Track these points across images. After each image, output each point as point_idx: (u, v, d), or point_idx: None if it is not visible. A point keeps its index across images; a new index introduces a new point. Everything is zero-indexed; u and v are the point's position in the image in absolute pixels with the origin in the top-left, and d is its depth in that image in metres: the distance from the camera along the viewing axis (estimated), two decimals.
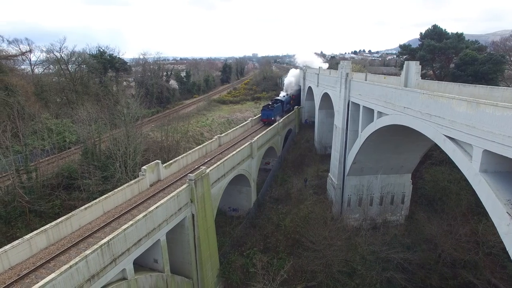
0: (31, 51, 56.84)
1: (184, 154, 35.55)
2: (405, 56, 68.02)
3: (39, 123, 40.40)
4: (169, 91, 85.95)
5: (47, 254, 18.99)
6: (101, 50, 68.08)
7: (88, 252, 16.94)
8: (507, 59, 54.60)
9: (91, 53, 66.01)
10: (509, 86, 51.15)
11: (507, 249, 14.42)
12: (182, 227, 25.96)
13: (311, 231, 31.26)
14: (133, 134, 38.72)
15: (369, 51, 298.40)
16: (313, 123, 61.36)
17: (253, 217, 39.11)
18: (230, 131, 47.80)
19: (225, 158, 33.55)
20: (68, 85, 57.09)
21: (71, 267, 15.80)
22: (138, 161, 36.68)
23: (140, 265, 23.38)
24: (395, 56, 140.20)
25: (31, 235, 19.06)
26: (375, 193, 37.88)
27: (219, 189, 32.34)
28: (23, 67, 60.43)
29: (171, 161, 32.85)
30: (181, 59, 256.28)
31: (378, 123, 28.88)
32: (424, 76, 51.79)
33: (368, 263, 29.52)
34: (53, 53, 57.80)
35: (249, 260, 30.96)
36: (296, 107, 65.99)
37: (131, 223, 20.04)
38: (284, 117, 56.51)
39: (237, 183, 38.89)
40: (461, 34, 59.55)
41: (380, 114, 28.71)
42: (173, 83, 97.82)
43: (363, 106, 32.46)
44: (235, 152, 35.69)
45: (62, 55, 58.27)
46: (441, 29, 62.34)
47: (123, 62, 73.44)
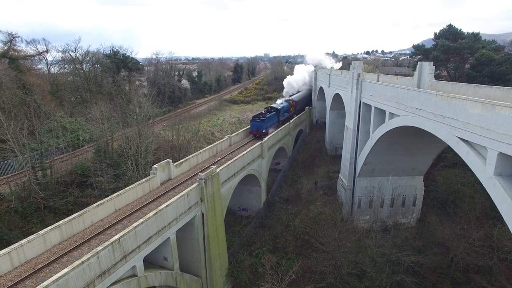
0: (47, 51, 58.18)
1: (194, 153, 35.77)
2: (419, 56, 67.04)
3: (54, 121, 41.33)
4: (180, 91, 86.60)
5: (61, 249, 19.47)
6: (115, 50, 69.14)
7: (99, 248, 17.28)
8: None
9: (104, 53, 67.07)
10: None
11: None
12: (191, 225, 26.17)
13: (321, 232, 31.15)
14: (145, 133, 39.26)
15: (382, 51, 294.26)
16: (324, 123, 60.92)
17: (263, 217, 39.12)
18: (240, 130, 47.88)
19: (236, 157, 33.64)
20: (82, 84, 58.23)
21: (83, 262, 16.17)
22: (149, 160, 37.23)
23: (150, 263, 23.73)
24: (408, 56, 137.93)
25: (45, 230, 19.58)
26: (386, 195, 37.40)
27: (229, 189, 32.47)
28: (40, 66, 61.73)
29: (181, 160, 33.12)
30: (193, 59, 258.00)
31: (389, 124, 28.55)
32: (437, 77, 50.87)
33: (378, 265, 29.20)
34: (69, 53, 59.04)
35: (258, 259, 30.98)
36: (307, 107, 65.59)
37: (141, 221, 20.32)
38: (294, 118, 56.18)
39: (247, 183, 38.95)
40: (477, 33, 58.24)
41: (391, 115, 28.39)
42: (185, 83, 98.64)
43: (375, 107, 32.17)
44: (245, 152, 35.78)
45: (77, 55, 59.46)
46: (456, 29, 61.12)
47: (135, 61, 74.35)
